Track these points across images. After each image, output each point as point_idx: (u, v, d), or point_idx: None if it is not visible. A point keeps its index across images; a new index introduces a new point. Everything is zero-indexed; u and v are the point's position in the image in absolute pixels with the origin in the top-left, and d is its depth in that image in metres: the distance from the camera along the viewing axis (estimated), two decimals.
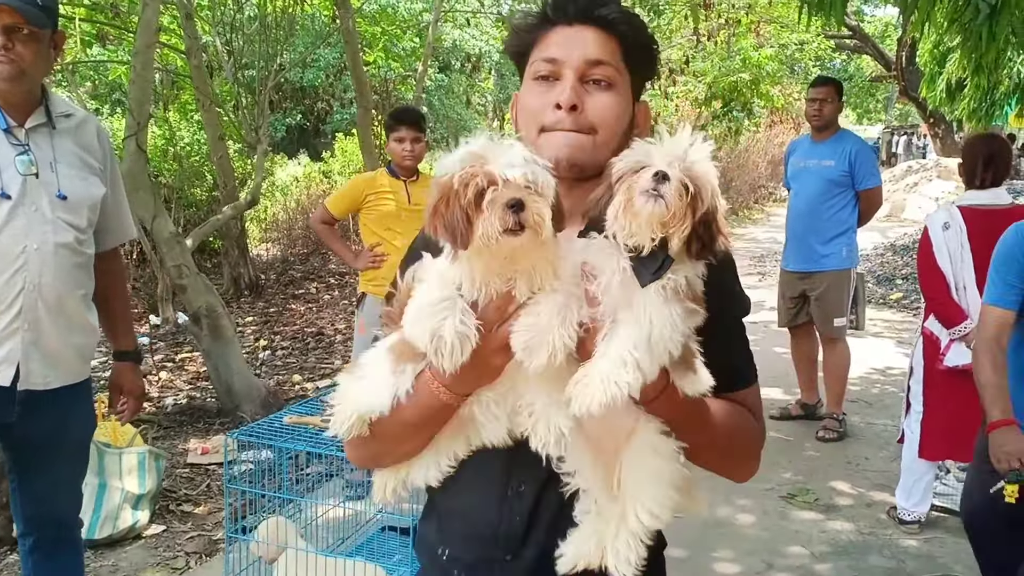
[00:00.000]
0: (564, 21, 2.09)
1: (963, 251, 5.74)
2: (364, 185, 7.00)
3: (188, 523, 6.13)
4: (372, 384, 1.99)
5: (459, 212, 1.71)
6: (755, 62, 25.95)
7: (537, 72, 2.10)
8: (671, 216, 1.71)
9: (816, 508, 6.40)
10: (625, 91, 2.12)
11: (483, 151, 1.75)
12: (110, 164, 3.98)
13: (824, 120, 7.87)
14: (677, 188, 1.71)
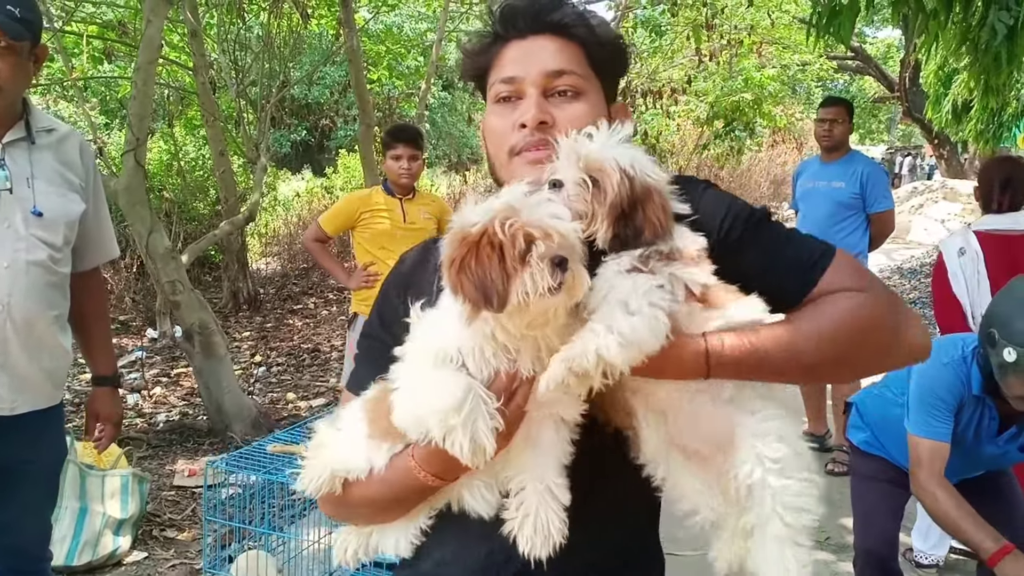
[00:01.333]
0: (517, 35, 1.95)
1: (980, 278, 5.54)
2: (359, 202, 6.88)
3: (171, 550, 5.95)
4: (349, 443, 1.86)
5: (497, 267, 1.55)
6: (757, 82, 25.93)
7: (498, 94, 1.96)
8: (580, 220, 1.63)
9: (827, 548, 6.15)
10: (596, 97, 1.97)
11: (520, 205, 1.60)
12: (93, 181, 3.81)
13: (834, 141, 7.66)
14: (575, 191, 1.63)
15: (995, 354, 3.60)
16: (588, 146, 1.66)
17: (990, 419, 3.95)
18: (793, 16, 23.11)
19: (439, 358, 1.69)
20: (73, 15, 12.18)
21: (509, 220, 1.57)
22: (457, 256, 1.60)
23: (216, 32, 13.26)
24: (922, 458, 3.91)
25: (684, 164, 26.09)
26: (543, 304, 1.57)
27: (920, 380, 3.99)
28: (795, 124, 35.09)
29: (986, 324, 3.72)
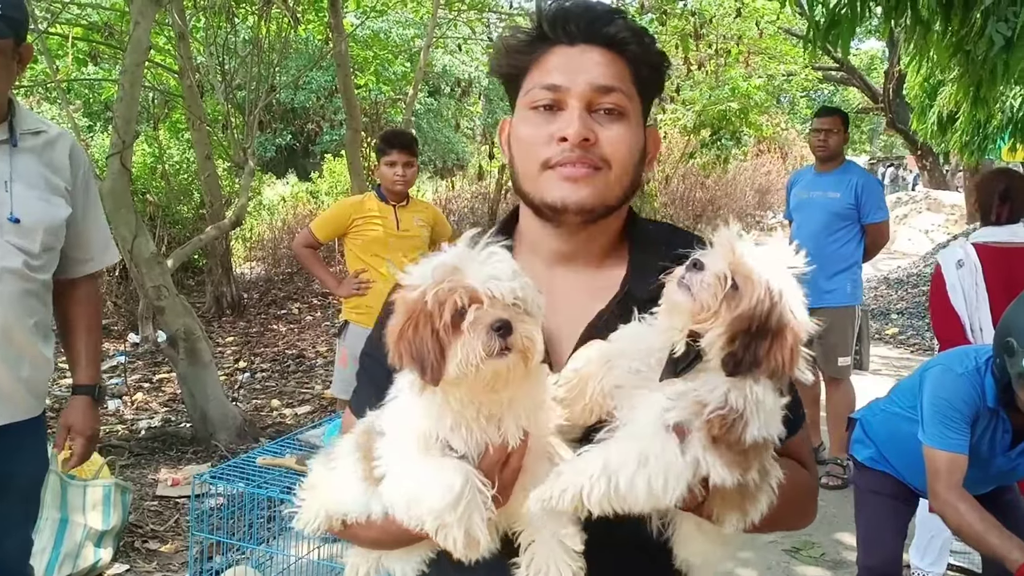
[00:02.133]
0: (566, 40, 1.83)
1: (978, 290, 5.52)
2: (351, 209, 6.80)
3: (153, 563, 5.83)
4: (343, 484, 1.78)
5: (431, 338, 1.47)
6: (744, 92, 25.98)
7: (536, 101, 1.84)
8: (700, 309, 1.51)
9: (823, 564, 6.11)
10: (637, 119, 1.87)
11: (460, 262, 1.50)
12: (83, 185, 3.66)
13: (830, 151, 7.60)
14: (711, 280, 1.51)
15: (1013, 363, 3.55)
16: (746, 247, 1.55)
17: (1004, 432, 3.91)
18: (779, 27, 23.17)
19: (425, 440, 1.60)
20: (58, 17, 12.07)
21: (441, 286, 1.48)
22: (397, 325, 1.53)
23: (203, 35, 13.19)
24: (940, 471, 3.85)
25: (671, 172, 26.11)
26: (492, 369, 1.48)
27: (935, 391, 3.94)
28: (780, 134, 35.20)
29: (1003, 334, 3.67)
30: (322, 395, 9.72)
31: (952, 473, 3.83)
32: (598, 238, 1.93)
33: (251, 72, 12.78)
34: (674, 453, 1.53)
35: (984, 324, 5.50)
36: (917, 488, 4.25)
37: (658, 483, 1.52)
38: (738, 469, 1.56)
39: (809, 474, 2.02)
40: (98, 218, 3.80)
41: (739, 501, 1.63)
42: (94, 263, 3.82)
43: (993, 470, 4.07)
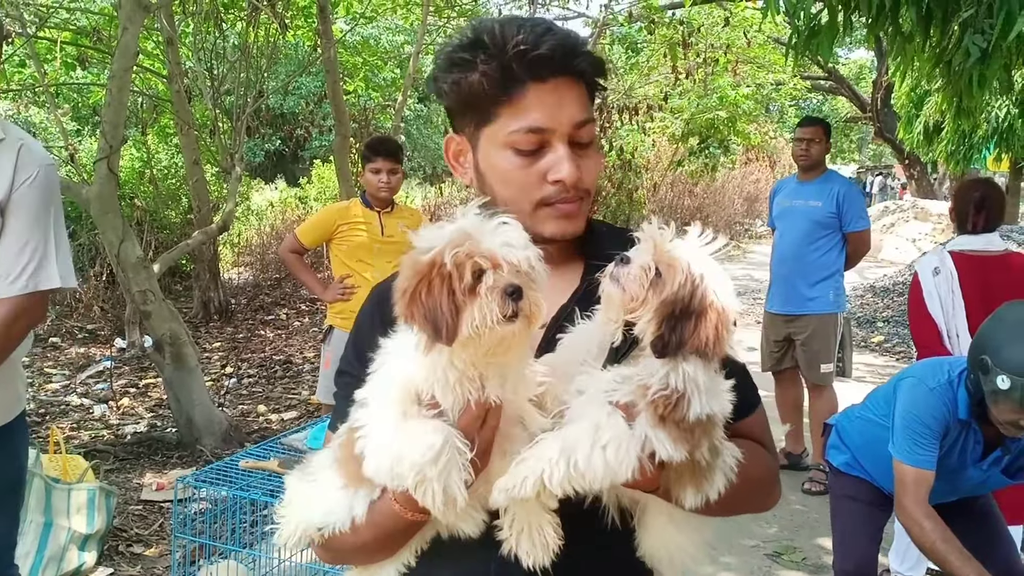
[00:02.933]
0: (539, 78, 1.85)
1: (954, 297, 5.58)
2: (336, 215, 6.84)
3: (137, 566, 5.86)
4: (322, 495, 1.82)
5: (447, 299, 1.51)
6: (732, 100, 26.02)
7: (517, 144, 1.86)
8: (630, 300, 1.61)
9: (804, 568, 6.15)
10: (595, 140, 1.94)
11: (474, 230, 1.55)
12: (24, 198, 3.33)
13: (811, 160, 7.69)
14: (637, 272, 1.61)
15: (988, 381, 3.60)
16: (666, 238, 1.65)
17: (975, 443, 3.96)
18: (768, 36, 23.21)
19: (407, 399, 1.64)
20: (47, 21, 12.08)
21: (459, 249, 1.53)
22: (408, 286, 1.56)
23: (192, 40, 13.19)
24: (907, 485, 3.91)
25: (659, 180, 26.16)
26: (498, 333, 1.54)
27: (906, 405, 3.99)
28: (768, 142, 35.26)
29: (977, 350, 3.72)
30: (308, 400, 9.73)
31: (919, 488, 3.89)
32: (562, 246, 1.99)
33: (239, 77, 12.79)
34: (622, 426, 1.60)
35: (960, 331, 5.56)
36: (891, 493, 4.29)
37: (612, 455, 1.58)
38: (686, 445, 1.62)
39: (769, 455, 2.07)
40: (19, 238, 3.34)
41: (692, 477, 1.69)
42: (19, 284, 3.33)
43: (964, 481, 4.12)
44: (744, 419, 1.97)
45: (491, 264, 1.53)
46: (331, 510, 1.80)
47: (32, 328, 3.46)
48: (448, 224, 1.59)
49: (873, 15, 5.77)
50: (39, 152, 3.43)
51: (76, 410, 9.28)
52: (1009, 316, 3.71)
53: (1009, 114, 15.66)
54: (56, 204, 3.47)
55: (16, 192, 3.31)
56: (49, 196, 3.41)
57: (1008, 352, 3.53)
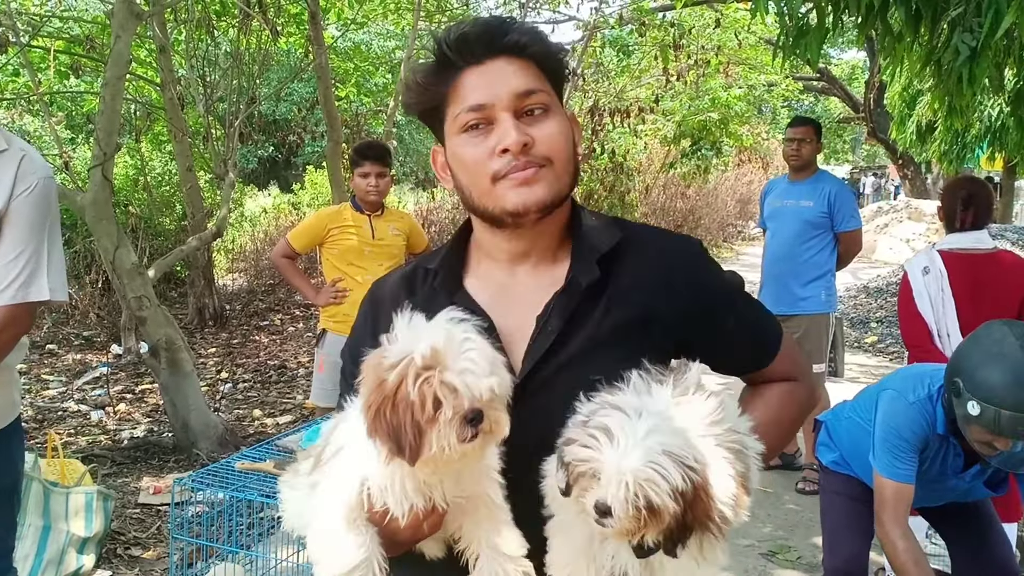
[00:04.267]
0: (473, 61, 1.90)
1: (944, 296, 5.53)
2: (327, 219, 6.87)
3: (136, 569, 5.89)
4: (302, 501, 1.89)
5: (410, 423, 1.56)
6: (724, 102, 26.04)
7: (466, 123, 1.90)
8: (627, 531, 1.59)
9: (799, 567, 6.17)
10: (559, 110, 1.96)
11: (442, 347, 1.57)
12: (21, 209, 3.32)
13: (802, 160, 7.70)
14: (624, 514, 1.56)
15: (959, 404, 3.61)
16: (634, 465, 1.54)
17: (955, 455, 3.95)
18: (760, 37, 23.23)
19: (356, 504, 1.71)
20: (40, 30, 12.10)
21: (422, 377, 1.55)
22: (373, 403, 1.60)
23: (184, 48, 13.22)
24: (887, 500, 3.92)
25: (651, 182, 26.15)
26: (458, 452, 1.58)
27: (885, 419, 4.00)
28: (761, 144, 35.26)
29: (952, 372, 3.72)
30: (303, 405, 9.74)
31: (898, 504, 3.89)
32: (547, 232, 2.00)
33: (232, 84, 12.82)
34: None
35: (951, 330, 5.53)
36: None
37: None
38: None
39: (800, 384, 2.19)
40: (13, 248, 3.32)
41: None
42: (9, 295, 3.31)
43: (947, 491, 4.13)
44: (772, 361, 2.12)
45: (455, 393, 1.55)
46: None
47: (19, 338, 3.43)
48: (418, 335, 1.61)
49: (862, 14, 5.78)
50: (40, 163, 3.42)
51: (73, 416, 9.30)
52: (984, 338, 3.70)
53: (1002, 113, 15.64)
54: (53, 216, 3.46)
55: (14, 201, 3.30)
56: (46, 208, 3.40)
57: (980, 377, 3.53)
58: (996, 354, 3.55)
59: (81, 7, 17.13)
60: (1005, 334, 3.62)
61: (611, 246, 1.98)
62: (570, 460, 1.61)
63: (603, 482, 1.56)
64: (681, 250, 2.05)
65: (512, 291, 2.02)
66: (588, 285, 1.94)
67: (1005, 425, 3.47)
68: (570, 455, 1.61)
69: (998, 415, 3.46)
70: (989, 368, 3.53)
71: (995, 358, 3.55)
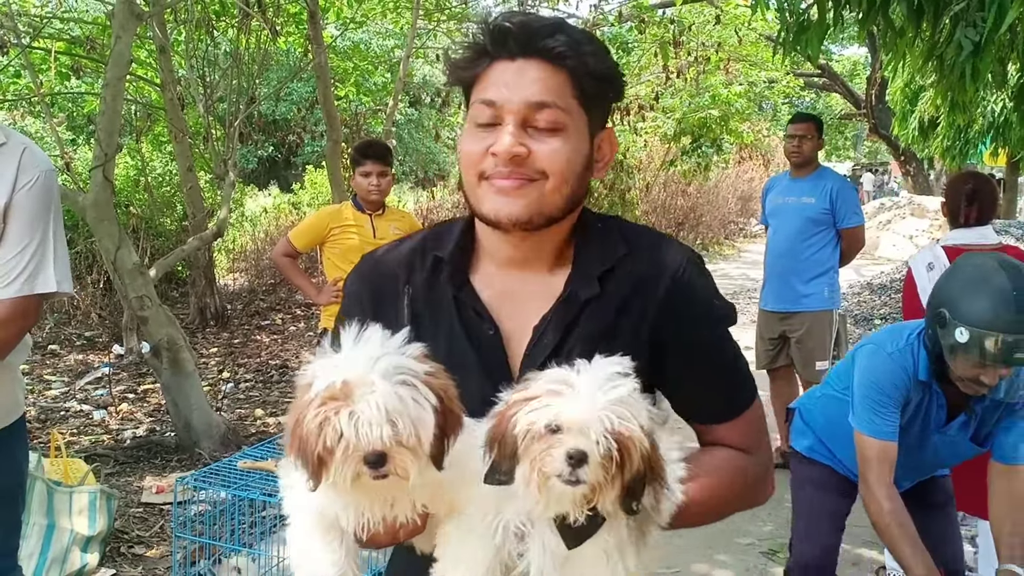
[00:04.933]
0: (506, 55, 1.85)
1: None
2: (328, 218, 6.87)
3: (139, 567, 5.89)
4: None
5: (311, 453, 1.54)
6: (724, 99, 25.99)
7: (476, 118, 1.88)
8: (597, 490, 1.54)
9: None
10: (578, 131, 1.89)
11: (349, 381, 1.53)
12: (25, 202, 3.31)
13: (804, 157, 7.69)
14: (598, 464, 1.51)
15: (946, 335, 3.56)
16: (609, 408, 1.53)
17: (938, 407, 3.88)
18: (760, 34, 23.23)
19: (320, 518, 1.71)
20: (41, 31, 12.10)
21: (326, 407, 1.52)
22: (290, 422, 1.60)
23: (184, 48, 13.21)
24: (871, 460, 3.83)
25: (651, 180, 26.12)
26: (371, 487, 1.57)
27: (865, 372, 3.92)
28: (762, 141, 35.22)
29: (935, 304, 3.68)
30: None
31: (882, 464, 3.80)
32: (546, 244, 1.97)
33: (231, 84, 12.81)
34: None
35: None
36: (856, 477, 4.26)
37: None
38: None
39: (749, 458, 2.03)
40: (17, 241, 3.31)
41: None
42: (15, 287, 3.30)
43: (930, 453, 4.04)
44: (731, 421, 2.02)
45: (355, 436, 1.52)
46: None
47: (26, 331, 3.43)
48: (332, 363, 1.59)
49: (863, 10, 5.78)
50: (41, 157, 3.41)
51: (76, 415, 9.30)
52: (966, 267, 3.67)
53: (1005, 108, 15.61)
54: (56, 209, 3.44)
55: (17, 194, 3.29)
56: (49, 200, 3.39)
57: (966, 304, 3.49)
58: (979, 279, 3.53)
59: (82, 8, 17.11)
60: (985, 260, 3.62)
61: (613, 263, 1.94)
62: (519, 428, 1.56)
63: (570, 431, 1.52)
64: (677, 266, 1.97)
65: (513, 295, 1.99)
66: (586, 299, 1.92)
67: (993, 349, 3.43)
68: (521, 422, 1.56)
69: (987, 338, 3.42)
70: (974, 293, 3.50)
71: (979, 283, 3.52)
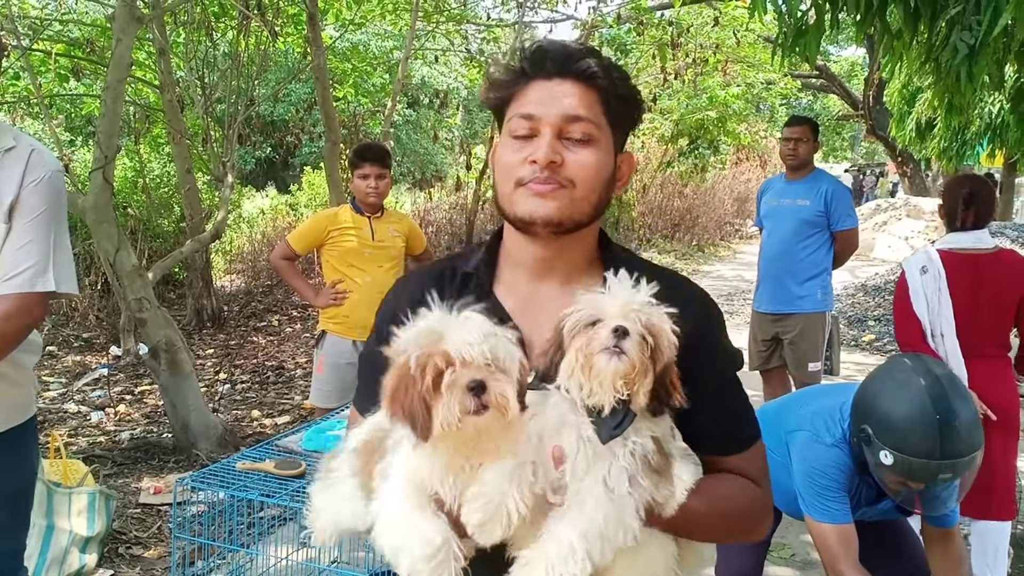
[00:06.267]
0: (543, 75, 2.01)
1: (940, 296, 5.49)
2: (327, 221, 6.87)
3: (137, 567, 5.91)
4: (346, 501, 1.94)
5: (417, 399, 1.62)
6: (722, 100, 26.02)
7: (514, 131, 2.01)
8: (635, 372, 1.64)
9: (793, 565, 6.20)
10: (606, 145, 2.03)
11: (439, 326, 1.66)
12: (31, 202, 3.35)
13: (799, 159, 7.70)
14: (638, 342, 1.64)
15: (871, 452, 3.57)
16: (643, 303, 1.71)
17: (867, 487, 3.88)
18: (758, 35, 23.25)
19: (417, 490, 1.75)
20: (41, 33, 12.12)
21: (420, 352, 1.63)
22: (389, 386, 1.68)
23: (183, 50, 13.23)
24: (835, 548, 3.75)
25: (648, 181, 26.17)
26: (471, 427, 1.63)
27: (808, 464, 3.88)
28: (759, 142, 35.22)
29: (859, 418, 3.68)
30: (301, 406, 9.76)
31: (848, 547, 3.74)
32: (571, 250, 2.08)
33: (230, 86, 12.83)
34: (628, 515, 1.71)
35: (946, 330, 5.49)
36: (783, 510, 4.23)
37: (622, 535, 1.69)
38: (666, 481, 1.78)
39: (758, 489, 2.13)
40: (21, 238, 3.34)
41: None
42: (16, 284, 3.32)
43: (860, 516, 3.98)
44: (740, 453, 2.11)
45: (447, 363, 1.63)
46: (353, 516, 1.92)
47: (29, 329, 3.43)
48: (420, 322, 1.71)
49: (861, 12, 5.79)
50: (49, 158, 3.47)
51: (74, 417, 9.31)
52: (889, 381, 3.66)
53: (1002, 110, 15.62)
54: (60, 210, 3.49)
55: (24, 191, 3.34)
56: (54, 200, 3.43)
57: (891, 427, 3.49)
58: (904, 400, 3.52)
59: (81, 10, 17.11)
60: (909, 375, 3.59)
61: None
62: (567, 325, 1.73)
63: (611, 316, 1.68)
64: (703, 298, 2.13)
65: (536, 303, 2.09)
66: None
67: (920, 472, 3.45)
68: (568, 321, 1.73)
69: (911, 463, 3.44)
70: (899, 417, 3.50)
71: (903, 404, 3.51)
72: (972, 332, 5.45)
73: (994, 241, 5.73)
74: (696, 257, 25.72)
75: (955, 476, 3.48)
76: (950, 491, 3.62)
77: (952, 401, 3.45)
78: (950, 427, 3.39)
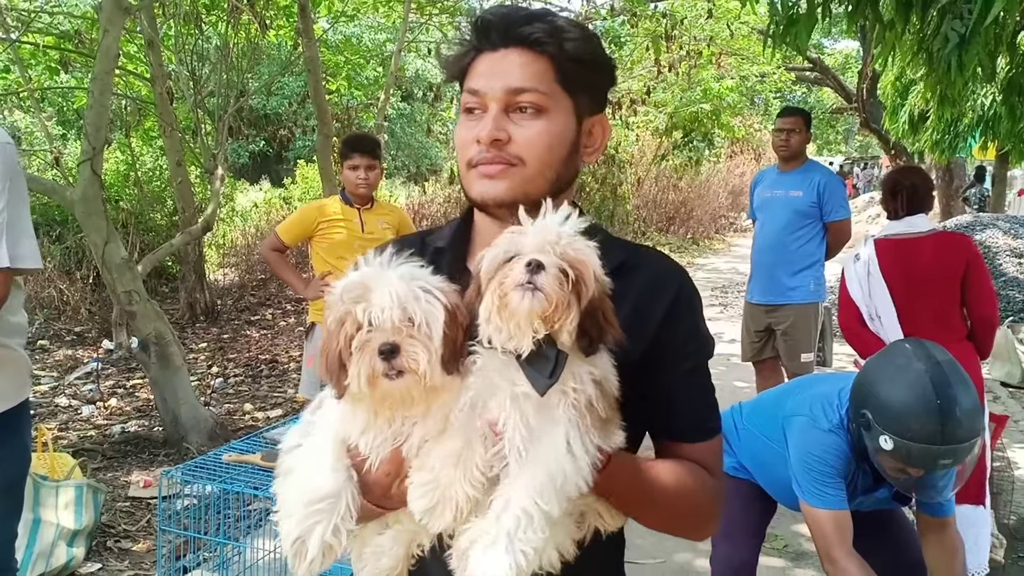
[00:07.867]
0: (489, 47, 1.94)
1: (871, 279, 5.80)
2: (315, 212, 6.84)
3: (125, 561, 5.89)
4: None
5: (334, 357, 1.60)
6: (716, 93, 26.02)
7: (465, 105, 1.96)
8: (553, 308, 1.53)
9: (785, 555, 6.18)
10: (561, 114, 1.95)
11: (366, 281, 1.60)
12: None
13: (791, 151, 7.67)
14: (555, 276, 1.53)
15: (871, 438, 3.56)
16: (566, 236, 1.59)
17: (864, 475, 3.88)
18: (752, 27, 23.22)
19: (337, 445, 1.72)
20: (29, 26, 12.08)
21: (343, 307, 1.60)
22: (323, 344, 1.66)
23: (174, 42, 13.20)
24: (829, 534, 3.76)
25: (643, 174, 26.16)
26: (385, 390, 1.59)
27: (805, 449, 3.89)
28: (753, 135, 35.26)
29: (858, 403, 3.68)
30: (294, 399, 9.74)
31: (842, 533, 3.74)
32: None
33: (221, 78, 12.80)
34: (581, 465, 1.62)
35: (882, 312, 5.78)
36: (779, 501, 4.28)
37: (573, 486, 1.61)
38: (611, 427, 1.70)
39: (713, 481, 2.04)
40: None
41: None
42: None
43: (856, 506, 3.97)
44: (699, 443, 2.03)
45: (359, 326, 1.58)
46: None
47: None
48: (350, 275, 1.66)
49: (852, 3, 5.78)
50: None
51: (64, 411, 9.29)
52: (890, 366, 3.65)
53: (994, 102, 15.59)
54: (14, 183, 3.31)
55: None
56: (5, 173, 3.27)
57: (891, 412, 3.49)
58: (904, 385, 3.52)
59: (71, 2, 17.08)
60: (910, 360, 3.59)
61: (611, 268, 1.88)
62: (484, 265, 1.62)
63: (528, 251, 1.57)
64: (682, 278, 2.03)
65: None
66: None
67: (920, 458, 3.44)
68: (485, 260, 1.63)
69: (911, 448, 3.43)
70: (898, 401, 3.50)
71: (903, 389, 3.51)
72: (913, 314, 5.69)
73: (930, 225, 5.94)
74: (691, 250, 25.74)
75: (955, 462, 3.48)
76: (948, 478, 3.64)
77: (953, 387, 3.45)
78: (951, 412, 3.40)
